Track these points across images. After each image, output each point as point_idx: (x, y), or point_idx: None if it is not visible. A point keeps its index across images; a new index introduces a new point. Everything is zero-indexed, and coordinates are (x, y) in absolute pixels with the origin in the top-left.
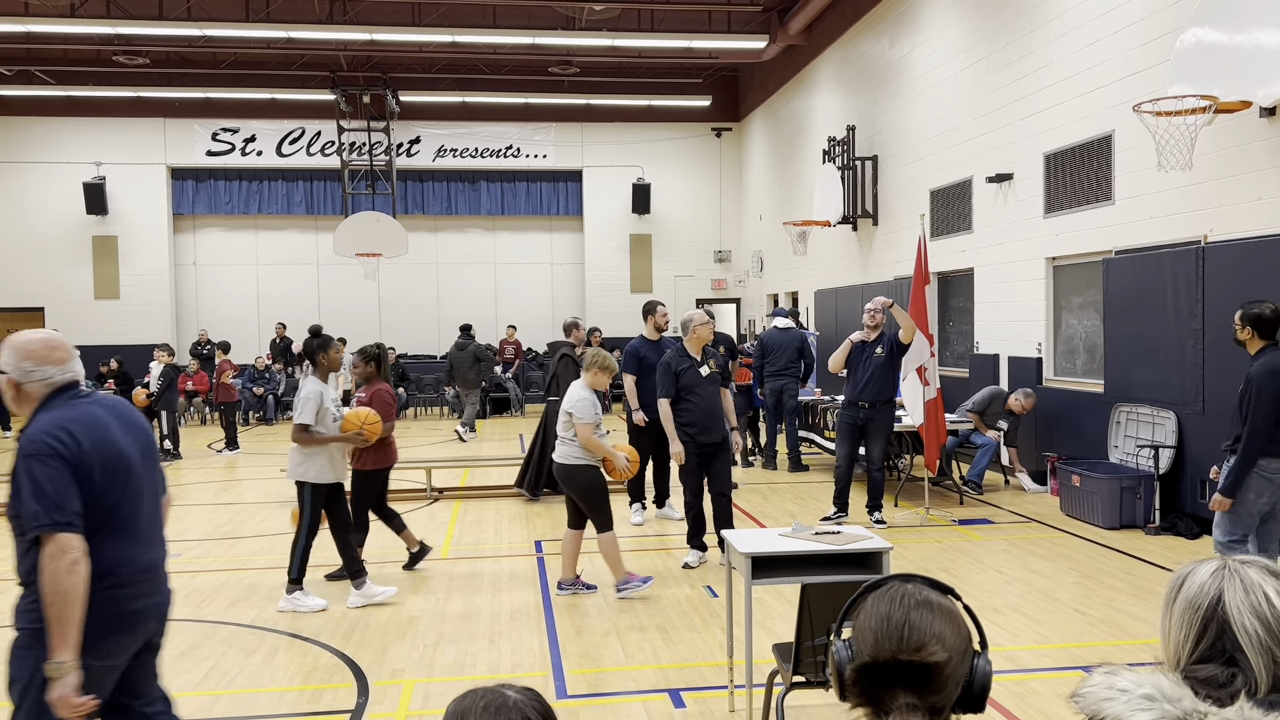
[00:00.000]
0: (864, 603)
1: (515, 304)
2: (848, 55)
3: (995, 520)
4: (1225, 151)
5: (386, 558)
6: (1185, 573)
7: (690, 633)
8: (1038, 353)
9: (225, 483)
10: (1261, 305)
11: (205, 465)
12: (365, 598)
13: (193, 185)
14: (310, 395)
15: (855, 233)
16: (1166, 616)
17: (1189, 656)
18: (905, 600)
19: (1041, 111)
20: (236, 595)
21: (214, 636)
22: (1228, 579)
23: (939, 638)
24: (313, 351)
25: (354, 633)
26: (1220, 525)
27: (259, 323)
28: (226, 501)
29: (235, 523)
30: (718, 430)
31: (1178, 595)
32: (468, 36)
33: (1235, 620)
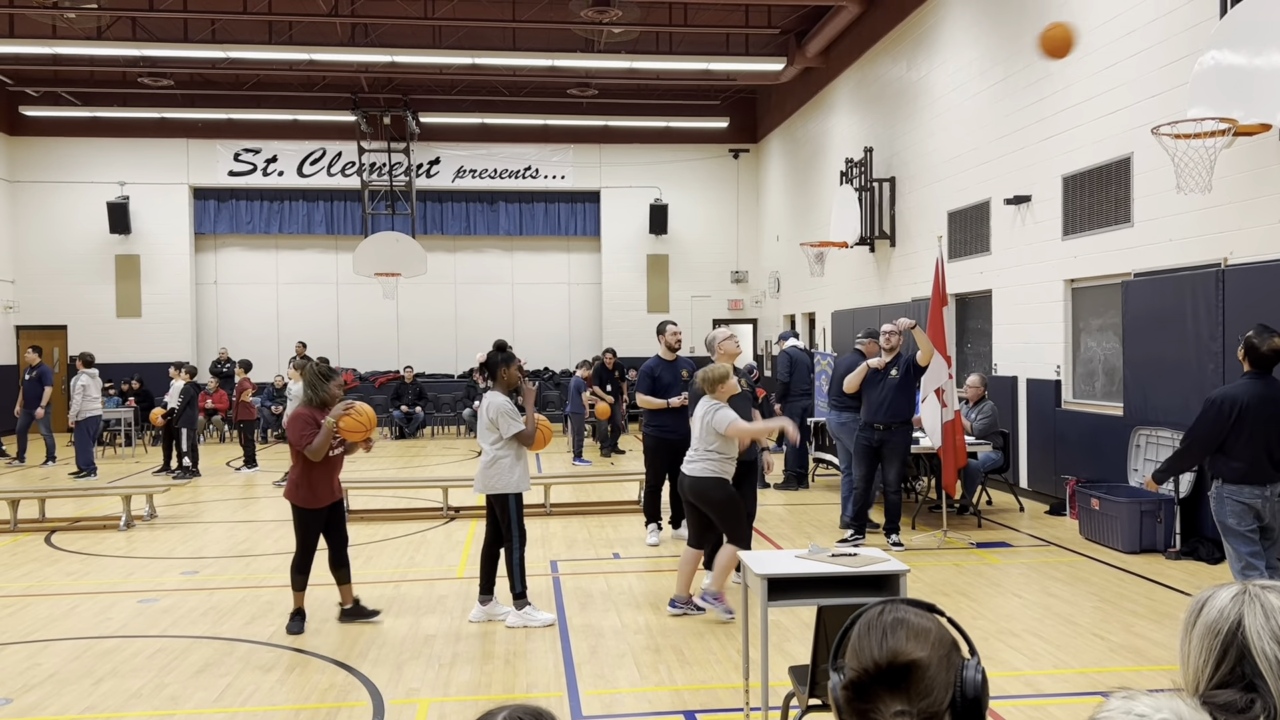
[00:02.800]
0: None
1: (532, 324)
2: (865, 77)
3: (1014, 544)
4: (1245, 174)
5: (403, 577)
6: (1205, 597)
7: (706, 654)
8: (1056, 375)
9: (243, 500)
10: (1269, 337)
11: (223, 483)
12: (524, 619)
13: (215, 205)
14: (505, 405)
15: (872, 254)
16: (1186, 641)
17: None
18: (883, 614)
19: (1060, 134)
20: (254, 612)
21: (231, 654)
22: (1248, 604)
23: (915, 636)
24: (495, 365)
25: (369, 651)
26: (1228, 556)
27: (279, 341)
28: (244, 519)
29: (252, 540)
30: (748, 450)
31: (1197, 620)
32: (488, 59)
33: (1255, 645)
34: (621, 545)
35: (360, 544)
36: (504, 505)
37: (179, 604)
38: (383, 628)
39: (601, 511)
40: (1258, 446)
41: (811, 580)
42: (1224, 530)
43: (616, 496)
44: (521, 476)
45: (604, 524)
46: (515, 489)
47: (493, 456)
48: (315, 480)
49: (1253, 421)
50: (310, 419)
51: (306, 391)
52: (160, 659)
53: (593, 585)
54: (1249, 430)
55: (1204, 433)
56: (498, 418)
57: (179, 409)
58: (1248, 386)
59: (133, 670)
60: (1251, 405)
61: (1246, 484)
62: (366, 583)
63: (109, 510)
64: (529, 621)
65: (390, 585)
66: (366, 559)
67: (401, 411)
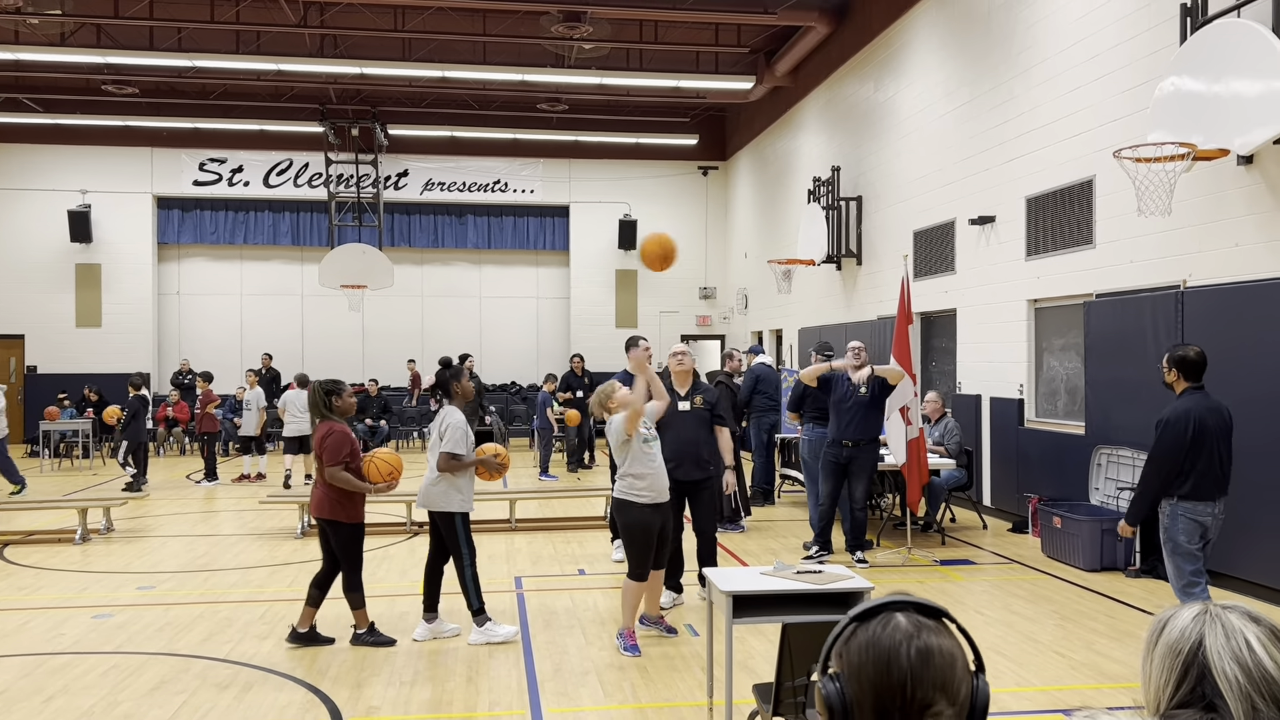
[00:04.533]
0: (853, 637)
1: (500, 338)
2: (833, 97)
3: (977, 561)
4: (1204, 198)
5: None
6: (1166, 617)
7: (670, 672)
8: (1019, 394)
9: (203, 514)
10: (1187, 348)
11: (184, 496)
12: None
13: (178, 214)
14: (458, 424)
15: (839, 272)
16: (1147, 660)
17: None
18: (905, 644)
19: (1023, 156)
20: (211, 628)
21: (187, 671)
22: (1209, 624)
23: (944, 691)
24: (446, 382)
25: (330, 669)
26: (1170, 571)
27: (242, 353)
28: (204, 533)
29: (212, 555)
30: (694, 468)
31: (1158, 639)
32: (457, 72)
33: (1215, 666)
34: (587, 561)
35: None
36: (449, 525)
37: (134, 619)
38: (343, 645)
39: (567, 527)
40: (1211, 462)
41: (776, 597)
42: (1172, 548)
43: (582, 512)
44: (466, 497)
45: (569, 540)
46: (460, 509)
47: (432, 470)
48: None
49: (1206, 437)
50: (345, 436)
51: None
52: (114, 676)
53: (557, 602)
54: (1201, 447)
55: (1166, 456)
56: (446, 433)
57: (124, 421)
58: (1195, 402)
59: (84, 688)
60: (1204, 420)
61: (1199, 500)
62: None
63: (65, 524)
64: (491, 637)
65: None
66: None
67: (366, 425)
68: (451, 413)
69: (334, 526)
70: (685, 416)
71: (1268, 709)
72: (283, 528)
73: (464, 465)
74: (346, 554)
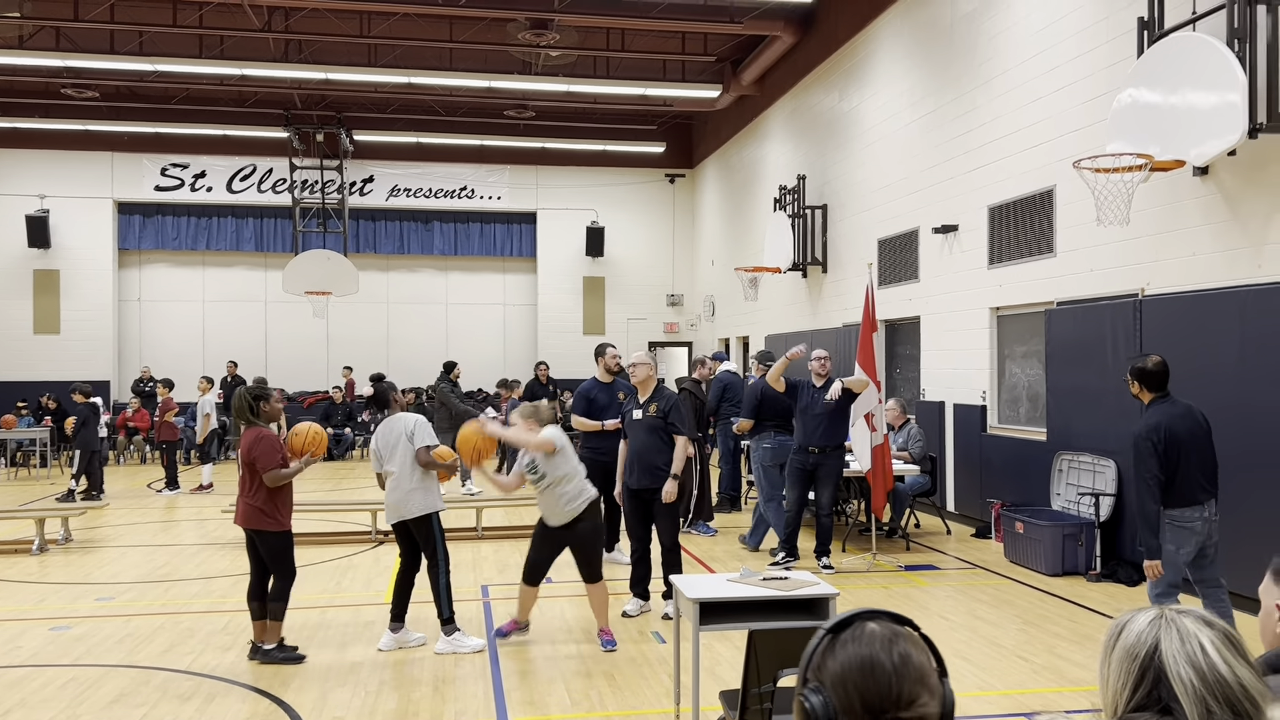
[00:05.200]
0: (831, 649)
1: (467, 345)
2: (799, 106)
3: (941, 566)
4: (1161, 208)
5: (329, 603)
6: (1123, 621)
7: (637, 679)
8: (982, 400)
9: (164, 524)
10: (1146, 358)
11: (144, 505)
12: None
13: (140, 220)
14: (423, 421)
15: (805, 279)
16: (1105, 664)
17: (1126, 705)
18: (885, 648)
19: (986, 165)
20: (172, 639)
21: (148, 683)
22: (1164, 629)
23: (925, 685)
24: (385, 394)
25: (294, 679)
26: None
27: (204, 360)
28: (165, 543)
29: (173, 565)
30: (644, 476)
31: (1115, 644)
32: (424, 78)
33: (1171, 670)
34: (553, 569)
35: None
36: (426, 526)
37: (93, 631)
38: (307, 655)
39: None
40: (1190, 467)
41: (743, 604)
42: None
43: None
44: (437, 494)
45: None
46: (435, 507)
47: (403, 478)
48: (285, 500)
49: (1180, 444)
50: (275, 440)
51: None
52: (72, 689)
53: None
54: (1177, 454)
55: (1150, 470)
56: (415, 431)
57: (74, 431)
58: (1163, 411)
59: (42, 701)
60: (1174, 428)
61: (1184, 506)
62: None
63: (21, 534)
64: (458, 647)
65: (316, 611)
66: None
67: (331, 433)
68: (405, 415)
69: (261, 536)
70: (637, 424)
71: (1221, 712)
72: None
73: (439, 464)
74: (277, 563)
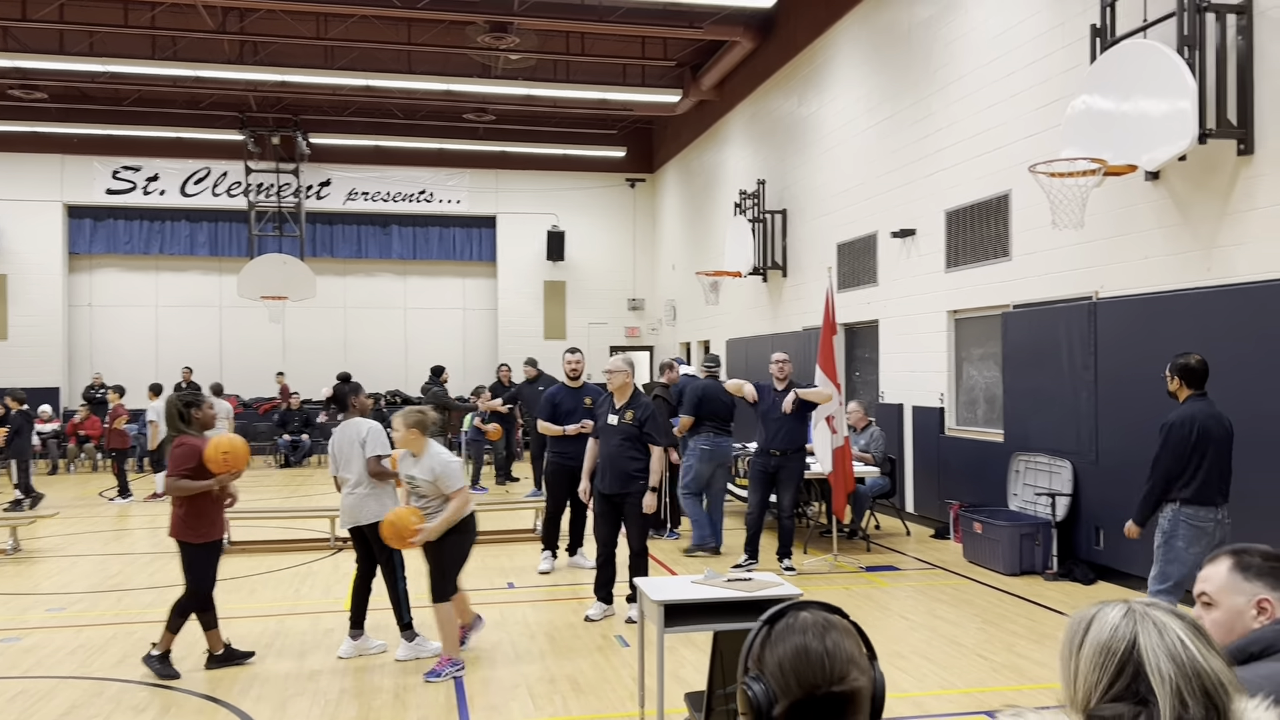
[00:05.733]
0: (767, 637)
1: (426, 350)
2: (758, 111)
3: (901, 567)
4: (1114, 212)
5: (289, 611)
6: (1090, 615)
7: (601, 683)
8: (940, 403)
9: (116, 532)
10: (1188, 356)
11: (95, 514)
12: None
13: (91, 224)
14: (379, 428)
15: (765, 283)
16: (1072, 659)
17: (1101, 697)
18: (815, 629)
19: (943, 170)
20: (126, 650)
21: (101, 695)
22: (1140, 622)
23: (854, 662)
24: (344, 396)
25: (251, 688)
26: (1154, 570)
27: (157, 366)
28: (117, 552)
29: (126, 574)
30: (614, 481)
31: (1084, 637)
32: (382, 81)
33: (1150, 663)
34: (516, 574)
35: (242, 577)
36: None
37: (44, 642)
38: (265, 664)
39: (496, 540)
40: (1211, 468)
41: (708, 606)
42: (1166, 551)
43: (511, 525)
44: (392, 502)
45: (498, 553)
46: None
47: (357, 483)
48: (208, 509)
49: (1209, 442)
50: (194, 449)
51: (175, 424)
52: (22, 702)
53: (486, 615)
54: (1205, 451)
55: (1171, 458)
56: (368, 438)
57: (7, 438)
58: (1199, 408)
59: None
60: (1207, 426)
61: (1201, 505)
62: (249, 617)
63: None
64: (420, 652)
65: (274, 620)
66: (249, 592)
67: (287, 439)
68: (361, 421)
69: (181, 546)
70: (610, 430)
71: (1195, 704)
72: None
73: (390, 473)
74: (187, 573)
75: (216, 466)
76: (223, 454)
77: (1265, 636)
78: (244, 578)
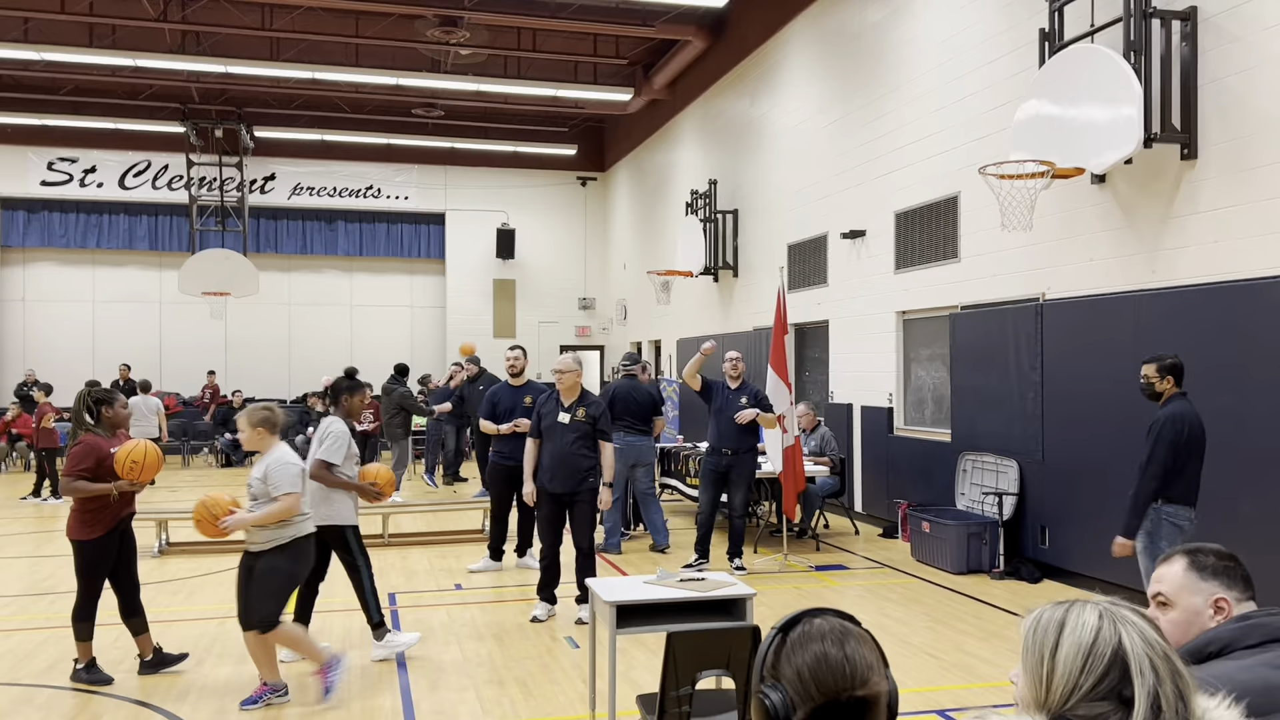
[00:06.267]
0: (783, 645)
1: (373, 347)
2: (710, 111)
3: (850, 566)
4: (1061, 215)
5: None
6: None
7: (551, 685)
8: (889, 403)
9: (46, 533)
10: (1169, 356)
11: (24, 515)
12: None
13: (24, 216)
14: (340, 433)
15: (716, 283)
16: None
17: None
18: (833, 636)
19: (893, 172)
20: (57, 655)
21: (30, 702)
22: (1121, 622)
23: (874, 667)
24: (339, 392)
25: (189, 693)
26: (1145, 575)
27: (93, 363)
28: (49, 554)
29: (58, 576)
30: (567, 480)
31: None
32: (328, 74)
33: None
34: (464, 576)
35: (181, 579)
36: (341, 539)
37: None
38: (204, 668)
39: (443, 541)
40: (1193, 468)
41: (660, 606)
42: (1154, 552)
43: (459, 525)
44: (354, 507)
45: (445, 554)
46: (349, 521)
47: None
48: (93, 507)
49: (1195, 442)
50: (91, 449)
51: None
52: None
53: (434, 617)
54: (1192, 450)
55: (1165, 455)
56: (325, 439)
57: None
58: (1185, 406)
59: None
60: (1195, 425)
61: (1183, 505)
62: (187, 620)
63: None
64: (394, 648)
65: (214, 623)
66: (188, 594)
67: (228, 439)
68: (334, 422)
69: (75, 546)
70: (563, 428)
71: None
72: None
73: (338, 481)
74: (82, 576)
75: (122, 472)
76: (131, 463)
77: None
78: (183, 580)
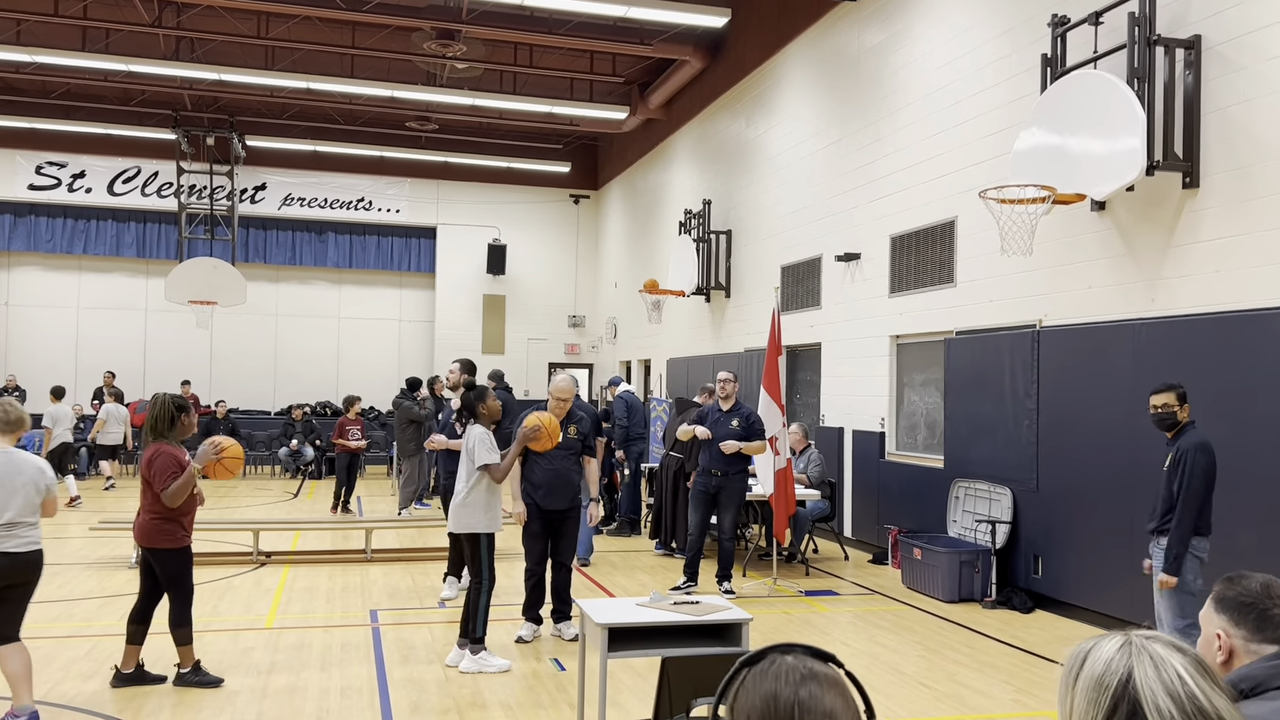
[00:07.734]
0: (743, 681)
1: (360, 361)
2: (705, 131)
3: (840, 592)
4: (1059, 241)
5: (206, 627)
6: (1086, 649)
7: (536, 709)
8: (881, 427)
9: None
10: (1179, 383)
11: None
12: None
13: (10, 220)
14: (485, 434)
15: (708, 304)
16: (1068, 695)
17: None
18: (790, 676)
19: (889, 195)
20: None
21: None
22: (1136, 656)
23: (833, 714)
24: (472, 403)
25: (162, 710)
26: (1170, 609)
27: (77, 369)
28: None
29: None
30: (563, 497)
31: (1079, 672)
32: (323, 84)
33: (1148, 699)
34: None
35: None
36: (475, 545)
37: None
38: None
39: (426, 558)
40: (1211, 496)
41: (651, 630)
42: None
43: (443, 542)
44: (494, 516)
45: (429, 571)
46: (486, 529)
47: (467, 492)
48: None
49: (1214, 470)
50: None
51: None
52: None
53: (416, 636)
54: (1214, 479)
55: (1200, 486)
56: (475, 446)
57: None
58: (1205, 434)
59: None
60: (1213, 453)
61: (1203, 536)
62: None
63: None
64: (485, 667)
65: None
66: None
67: None
68: (475, 427)
69: (156, 555)
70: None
71: None
72: (115, 556)
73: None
74: (173, 584)
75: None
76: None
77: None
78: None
